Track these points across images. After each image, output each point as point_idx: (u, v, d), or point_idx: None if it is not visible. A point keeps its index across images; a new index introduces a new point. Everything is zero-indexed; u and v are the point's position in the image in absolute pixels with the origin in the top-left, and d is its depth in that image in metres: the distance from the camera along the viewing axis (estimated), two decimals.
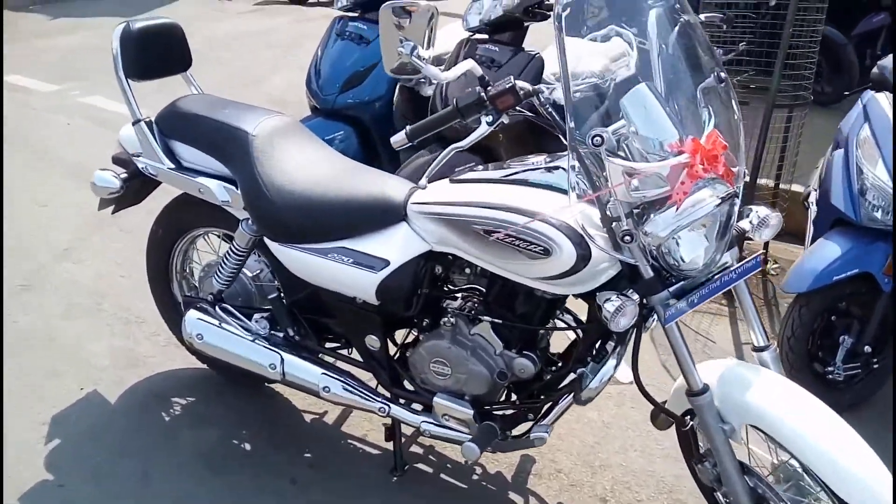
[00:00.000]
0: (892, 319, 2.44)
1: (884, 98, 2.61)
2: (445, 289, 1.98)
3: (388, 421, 2.11)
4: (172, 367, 2.63)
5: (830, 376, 2.55)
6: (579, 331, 1.90)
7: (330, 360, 2.18)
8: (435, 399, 1.94)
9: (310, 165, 2.04)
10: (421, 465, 2.26)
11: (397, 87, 3.38)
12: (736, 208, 1.61)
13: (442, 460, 2.28)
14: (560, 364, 1.92)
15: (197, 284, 2.40)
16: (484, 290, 1.92)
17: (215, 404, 2.46)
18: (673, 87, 1.58)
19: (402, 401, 2.05)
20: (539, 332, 1.91)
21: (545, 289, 1.72)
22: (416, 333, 2.05)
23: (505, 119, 1.63)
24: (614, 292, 1.62)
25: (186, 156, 2.13)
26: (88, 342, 2.74)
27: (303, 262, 1.97)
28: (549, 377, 1.90)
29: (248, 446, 2.30)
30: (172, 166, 2.12)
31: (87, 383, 2.52)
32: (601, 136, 1.46)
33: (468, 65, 1.63)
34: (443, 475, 2.23)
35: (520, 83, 1.58)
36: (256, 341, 2.10)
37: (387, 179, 2.01)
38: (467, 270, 1.91)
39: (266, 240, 2.04)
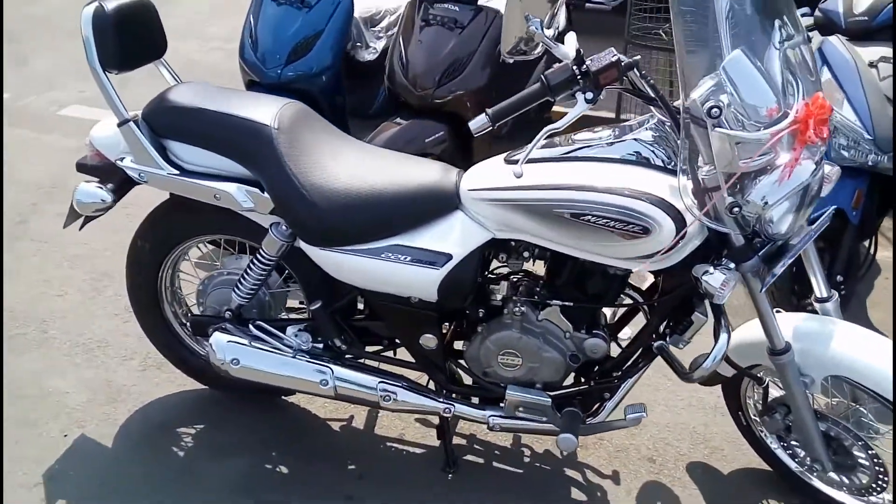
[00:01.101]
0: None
1: (836, 40, 2.74)
2: (505, 276, 1.88)
3: (436, 419, 2.00)
4: (162, 393, 2.34)
5: (809, 308, 2.73)
6: (645, 305, 1.86)
7: (372, 363, 2.02)
8: (508, 392, 1.86)
9: (344, 158, 1.83)
10: (470, 457, 2.18)
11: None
12: (823, 169, 1.62)
13: (489, 448, 2.21)
14: (630, 340, 1.89)
15: (197, 301, 2.11)
16: (548, 272, 1.83)
17: (229, 428, 2.22)
18: (760, 49, 1.55)
19: (456, 396, 1.95)
20: (603, 309, 1.87)
21: (632, 267, 1.66)
22: (467, 326, 1.93)
23: (602, 95, 1.52)
24: (708, 264, 1.61)
25: (187, 157, 1.84)
26: (51, 378, 2.36)
27: (350, 265, 1.78)
28: (619, 355, 1.87)
29: (283, 468, 2.10)
30: (175, 171, 1.82)
31: (69, 427, 2.18)
32: (719, 107, 1.40)
33: (573, 38, 1.50)
34: (495, 463, 2.16)
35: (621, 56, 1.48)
36: (299, 357, 1.90)
37: (430, 166, 1.85)
38: (525, 254, 1.82)
39: (303, 245, 1.82)
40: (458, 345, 1.97)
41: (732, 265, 1.60)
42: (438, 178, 1.79)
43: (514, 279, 1.87)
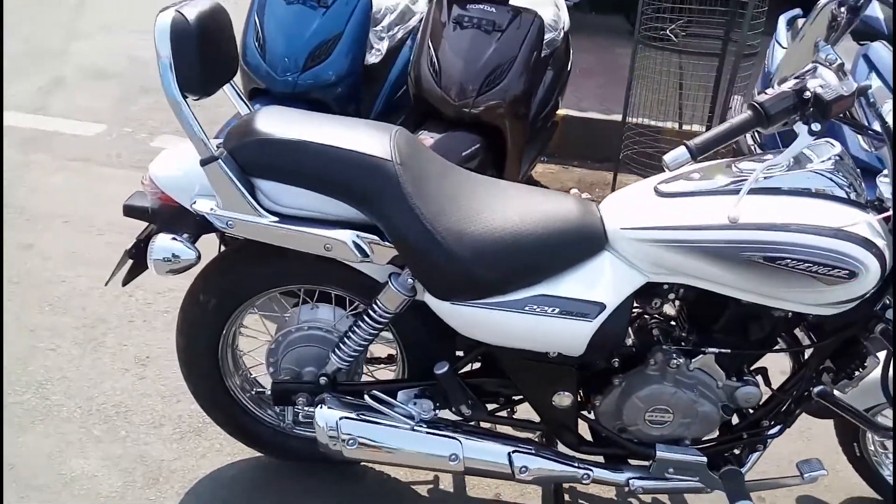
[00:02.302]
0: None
1: (882, 46, 2.69)
2: (649, 323, 1.67)
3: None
4: (211, 466, 1.98)
5: None
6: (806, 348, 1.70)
7: (485, 425, 1.77)
8: (659, 453, 1.65)
9: (472, 194, 1.56)
10: None
11: None
12: None
13: (594, 501, 2.00)
14: (781, 386, 1.72)
15: (268, 362, 1.78)
16: (700, 317, 1.64)
17: (301, 499, 1.90)
18: None
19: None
20: (756, 355, 1.70)
21: (823, 312, 1.49)
22: (601, 380, 1.70)
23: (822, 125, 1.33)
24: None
25: (282, 199, 1.50)
26: (70, 459, 1.95)
27: (486, 321, 1.52)
28: (770, 403, 1.70)
29: None
30: (275, 219, 1.49)
31: None
32: None
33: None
34: None
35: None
36: (419, 429, 1.61)
37: (567, 200, 1.61)
38: (671, 296, 1.62)
39: (429, 299, 1.54)
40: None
41: None
42: (580, 214, 1.56)
43: (661, 326, 1.66)
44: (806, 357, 1.68)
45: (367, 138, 1.51)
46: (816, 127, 1.31)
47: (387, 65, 3.12)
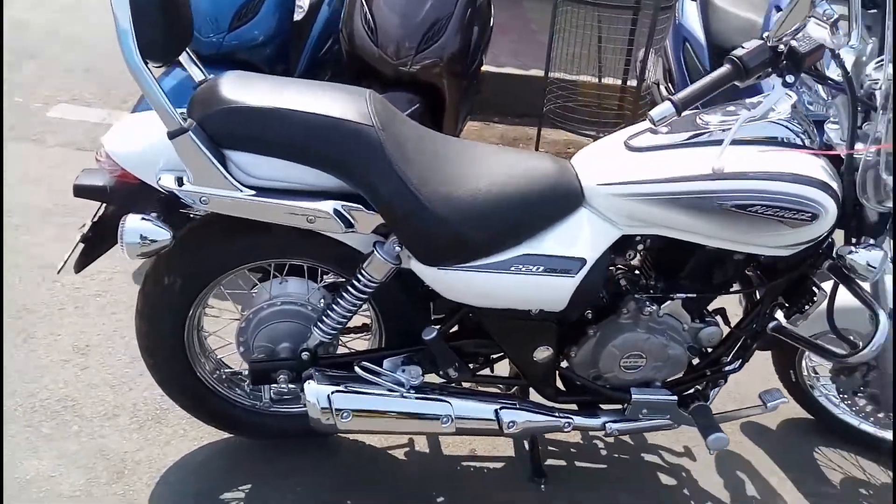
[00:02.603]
0: None
1: None
2: (621, 273, 1.73)
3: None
4: (178, 453, 1.90)
5: None
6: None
7: (468, 385, 1.79)
8: (634, 396, 1.74)
9: (451, 156, 1.54)
10: (551, 461, 2.03)
11: None
12: None
13: (563, 447, 2.08)
14: (738, 324, 1.83)
15: (238, 341, 1.71)
16: (666, 264, 1.71)
17: (278, 480, 1.86)
18: None
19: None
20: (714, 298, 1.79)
21: (782, 253, 1.59)
22: (575, 332, 1.75)
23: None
24: (849, 245, 1.59)
25: (257, 171, 1.42)
26: (24, 460, 1.81)
27: (473, 283, 1.53)
28: (728, 340, 1.81)
29: None
30: (252, 192, 1.41)
31: None
32: None
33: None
34: (577, 462, 2.04)
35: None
36: (411, 395, 1.61)
37: (542, 159, 1.62)
38: (640, 248, 1.68)
39: (415, 266, 1.52)
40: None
41: (872, 242, 1.59)
42: (558, 172, 1.58)
43: (630, 277, 1.72)
44: (758, 296, 1.79)
45: (344, 103, 1.45)
46: (790, 79, 1.38)
47: (309, 21, 2.99)
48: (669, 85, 3.83)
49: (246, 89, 1.43)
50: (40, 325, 2.26)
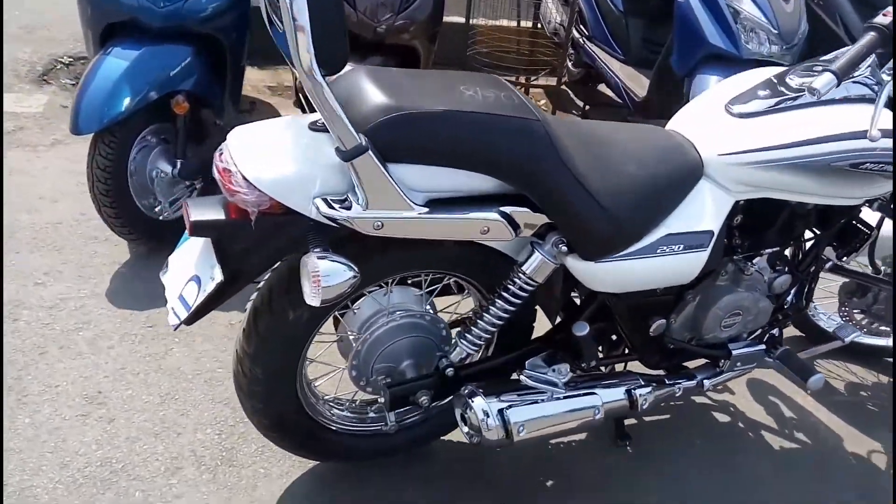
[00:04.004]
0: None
1: None
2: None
3: None
4: (273, 497, 1.69)
5: None
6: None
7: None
8: (734, 352, 1.82)
9: (592, 140, 1.45)
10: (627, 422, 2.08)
11: None
12: None
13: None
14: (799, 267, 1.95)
15: (352, 362, 1.53)
16: (754, 224, 1.77)
17: (393, 494, 1.73)
18: None
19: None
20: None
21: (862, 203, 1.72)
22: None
23: None
24: None
25: (419, 184, 1.25)
26: None
27: (626, 272, 1.49)
28: (794, 283, 1.93)
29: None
30: (426, 210, 1.23)
31: None
32: None
33: None
34: (645, 418, 2.11)
35: None
36: (561, 394, 1.55)
37: (658, 133, 1.59)
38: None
39: (571, 263, 1.44)
40: None
41: None
42: (680, 146, 1.56)
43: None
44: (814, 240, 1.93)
45: (497, 97, 1.30)
46: None
47: None
48: (582, 27, 3.89)
49: (394, 90, 1.23)
50: (28, 378, 1.87)
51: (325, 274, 1.17)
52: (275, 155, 1.21)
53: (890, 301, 2.16)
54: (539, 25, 3.99)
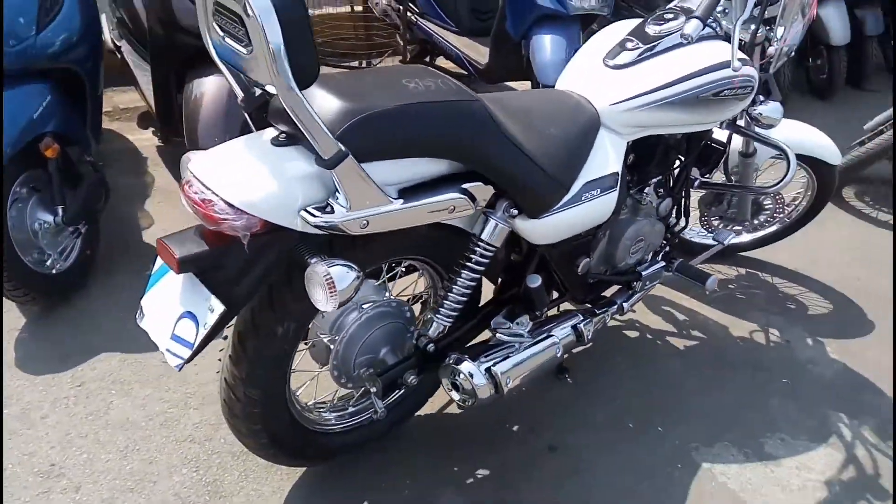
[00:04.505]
0: None
1: None
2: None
3: None
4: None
5: None
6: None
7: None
8: (644, 274, 2.07)
9: (517, 109, 1.59)
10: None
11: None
12: None
13: None
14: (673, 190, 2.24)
15: (334, 360, 1.57)
16: (637, 160, 2.02)
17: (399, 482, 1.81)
18: None
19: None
20: None
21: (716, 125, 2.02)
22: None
23: None
24: (757, 105, 2.09)
25: (389, 178, 1.32)
26: None
27: (559, 223, 1.67)
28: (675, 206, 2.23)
29: (482, 470, 1.88)
30: (402, 201, 1.30)
31: None
32: None
33: None
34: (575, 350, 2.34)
35: None
36: (529, 341, 1.71)
37: (562, 94, 1.77)
38: None
39: (519, 224, 1.58)
40: None
41: (763, 97, 2.11)
42: (579, 102, 1.76)
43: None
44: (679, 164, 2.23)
45: (436, 84, 1.40)
46: None
47: None
48: (412, 5, 4.00)
49: (348, 93, 1.29)
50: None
51: (338, 279, 1.22)
52: (251, 176, 1.23)
53: (740, 204, 2.54)
54: (355, 8, 4.06)
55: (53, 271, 2.17)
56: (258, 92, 1.34)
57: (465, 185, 1.42)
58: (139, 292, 1.38)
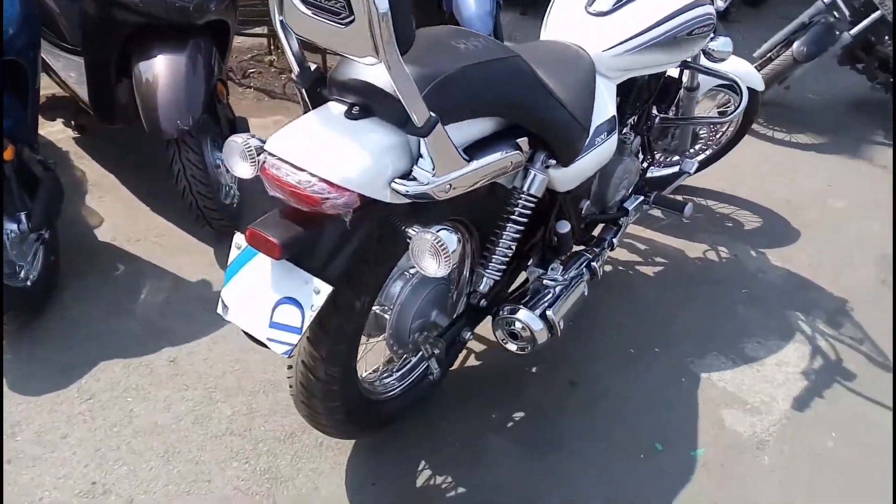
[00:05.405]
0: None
1: None
2: None
3: None
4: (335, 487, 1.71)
5: None
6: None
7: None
8: (630, 209, 2.21)
9: (540, 62, 1.63)
10: None
11: None
12: None
13: None
14: (638, 128, 2.38)
15: (391, 328, 1.59)
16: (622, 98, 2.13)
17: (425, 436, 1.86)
18: None
19: None
20: None
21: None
22: None
23: None
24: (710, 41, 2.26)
25: (458, 140, 1.34)
26: None
27: (581, 169, 1.77)
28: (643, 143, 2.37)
29: (504, 416, 1.97)
30: (475, 161, 1.33)
31: None
32: None
33: None
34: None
35: None
36: (566, 282, 1.80)
37: (560, 44, 1.83)
38: None
39: (553, 173, 1.65)
40: None
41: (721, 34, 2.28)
42: (576, 52, 1.83)
43: None
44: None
45: (482, 44, 1.42)
46: None
47: None
48: None
49: (414, 59, 1.28)
50: None
51: (448, 242, 1.23)
52: (341, 153, 1.20)
53: (684, 132, 2.73)
54: None
55: (28, 283, 1.98)
56: (313, 67, 1.31)
57: (517, 140, 1.47)
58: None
